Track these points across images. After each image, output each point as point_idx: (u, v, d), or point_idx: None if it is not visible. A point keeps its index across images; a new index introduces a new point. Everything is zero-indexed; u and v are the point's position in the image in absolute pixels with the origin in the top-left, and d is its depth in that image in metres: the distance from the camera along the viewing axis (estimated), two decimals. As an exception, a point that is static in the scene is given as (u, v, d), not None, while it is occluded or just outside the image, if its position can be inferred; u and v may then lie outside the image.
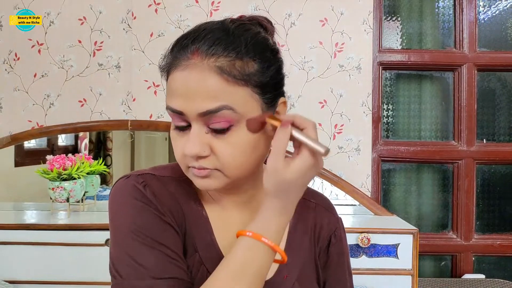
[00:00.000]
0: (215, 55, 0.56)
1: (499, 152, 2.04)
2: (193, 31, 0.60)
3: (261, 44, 0.61)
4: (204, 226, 0.65)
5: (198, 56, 0.57)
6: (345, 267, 0.75)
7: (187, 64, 0.57)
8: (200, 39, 0.58)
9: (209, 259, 0.63)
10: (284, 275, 0.66)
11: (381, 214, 1.85)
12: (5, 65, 1.94)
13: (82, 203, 1.86)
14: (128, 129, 1.96)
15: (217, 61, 0.56)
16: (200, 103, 0.56)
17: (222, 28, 0.59)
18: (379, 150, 2.01)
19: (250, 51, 0.58)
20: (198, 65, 0.56)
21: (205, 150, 0.58)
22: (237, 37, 0.58)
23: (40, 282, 1.56)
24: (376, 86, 1.98)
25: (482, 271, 2.03)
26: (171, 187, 0.65)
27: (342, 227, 0.76)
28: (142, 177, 0.64)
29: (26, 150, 2.07)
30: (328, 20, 1.94)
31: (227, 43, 0.57)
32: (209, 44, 0.57)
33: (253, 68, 0.58)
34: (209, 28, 0.59)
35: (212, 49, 0.56)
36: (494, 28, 2.06)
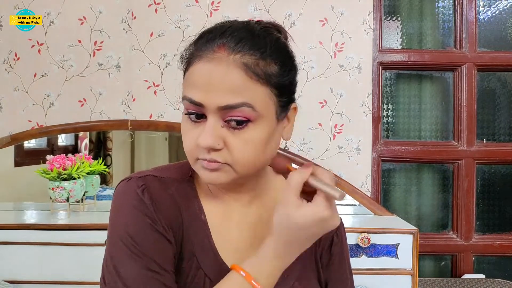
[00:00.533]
0: (241, 52, 0.57)
1: (499, 152, 2.04)
2: (219, 26, 0.61)
3: (283, 49, 0.63)
4: (202, 230, 0.65)
5: (224, 51, 0.57)
6: (346, 266, 0.76)
7: (213, 57, 0.57)
8: (227, 35, 0.59)
9: (206, 263, 0.63)
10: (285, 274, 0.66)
11: (381, 214, 1.85)
12: (5, 65, 1.94)
13: (82, 203, 1.86)
14: (128, 129, 1.96)
15: (243, 58, 0.57)
16: (221, 96, 0.57)
17: (248, 28, 0.61)
18: (379, 150, 2.01)
19: (273, 53, 0.60)
20: (223, 59, 0.57)
21: (219, 143, 0.58)
22: (262, 38, 0.60)
23: (40, 282, 1.56)
24: (376, 86, 1.99)
25: (482, 271, 2.03)
26: (172, 188, 0.65)
27: (343, 227, 0.76)
28: (143, 179, 0.64)
29: (26, 150, 2.07)
30: (328, 20, 1.94)
31: (253, 42, 0.59)
32: (236, 41, 0.58)
33: (274, 69, 0.59)
34: (235, 26, 0.60)
35: (238, 46, 0.58)
36: (494, 28, 2.06)
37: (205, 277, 0.62)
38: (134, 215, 0.61)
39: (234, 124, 0.58)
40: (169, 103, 1.93)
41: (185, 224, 0.64)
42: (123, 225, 0.61)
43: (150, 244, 0.60)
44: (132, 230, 0.60)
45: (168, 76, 1.93)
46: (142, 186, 0.63)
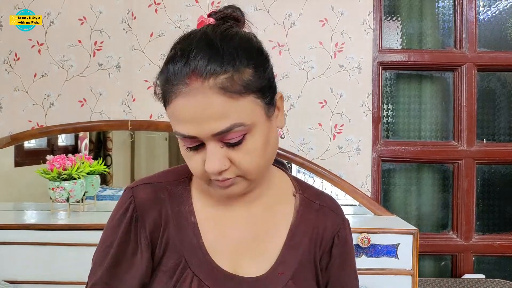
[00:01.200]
0: (214, 74, 0.56)
1: (499, 152, 2.04)
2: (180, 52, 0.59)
3: (249, 48, 0.61)
4: (192, 231, 0.67)
5: (196, 79, 0.56)
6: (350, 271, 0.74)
7: (188, 90, 0.56)
8: (191, 61, 0.57)
9: (195, 262, 0.65)
10: (279, 272, 0.67)
11: (381, 214, 1.85)
12: (5, 65, 1.94)
13: (82, 203, 1.86)
14: (128, 129, 1.96)
15: (217, 80, 0.56)
16: (211, 125, 0.57)
17: (208, 43, 0.58)
18: (379, 150, 2.01)
19: (243, 59, 0.58)
20: (199, 89, 0.56)
21: (225, 163, 0.59)
22: (226, 49, 0.58)
23: (40, 282, 1.56)
24: (376, 86, 1.98)
25: (482, 271, 2.03)
26: (165, 193, 0.68)
27: (348, 228, 0.75)
28: (134, 190, 0.68)
29: (26, 150, 2.07)
30: (328, 20, 1.94)
31: (221, 59, 0.57)
32: (204, 63, 0.56)
33: (249, 75, 0.58)
34: (196, 45, 0.58)
35: (208, 69, 0.56)
36: (494, 28, 2.06)
37: (193, 276, 0.64)
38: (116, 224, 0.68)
39: (232, 142, 0.59)
40: (169, 103, 1.93)
41: (172, 226, 0.67)
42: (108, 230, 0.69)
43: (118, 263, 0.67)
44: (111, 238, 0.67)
45: (168, 76, 1.93)
46: (130, 197, 0.68)
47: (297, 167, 1.94)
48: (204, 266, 0.64)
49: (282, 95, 0.66)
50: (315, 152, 1.95)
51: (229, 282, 0.64)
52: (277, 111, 0.65)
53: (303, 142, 1.95)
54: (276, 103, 0.64)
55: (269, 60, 0.64)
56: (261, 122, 0.60)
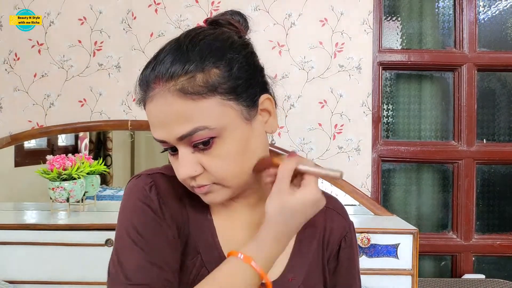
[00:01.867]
0: (174, 77, 0.55)
1: (499, 152, 2.04)
2: (153, 58, 0.60)
3: (220, 47, 0.58)
4: (208, 229, 0.65)
5: (159, 84, 0.56)
6: (355, 273, 0.74)
7: (153, 95, 0.57)
8: (157, 65, 0.57)
9: (211, 261, 0.63)
10: (289, 277, 0.66)
11: (381, 214, 1.85)
12: (5, 65, 1.94)
13: (82, 203, 1.86)
14: (128, 129, 1.96)
15: (177, 83, 0.55)
16: (174, 129, 0.56)
17: (176, 47, 0.58)
18: (379, 150, 2.01)
19: (208, 59, 0.56)
20: (160, 93, 0.56)
21: (196, 169, 0.58)
22: (191, 50, 0.57)
23: (40, 282, 1.56)
24: (376, 86, 1.99)
25: (482, 271, 2.03)
26: (180, 187, 0.65)
27: (354, 231, 0.75)
28: (152, 176, 0.64)
29: (26, 150, 2.07)
30: (328, 20, 1.94)
31: (183, 60, 0.56)
32: (166, 67, 0.56)
33: (216, 75, 0.56)
34: (166, 50, 0.59)
35: (170, 72, 0.55)
36: (494, 28, 2.06)
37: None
38: (140, 209, 0.61)
39: (202, 146, 0.57)
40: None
41: (191, 222, 0.65)
42: (129, 218, 0.61)
43: (154, 238, 0.60)
44: (137, 223, 0.60)
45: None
46: (150, 182, 0.63)
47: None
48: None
49: (270, 97, 0.62)
50: (315, 152, 1.95)
51: None
52: (267, 115, 0.62)
53: (303, 142, 1.95)
54: (260, 106, 0.61)
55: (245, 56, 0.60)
56: (235, 125, 0.57)
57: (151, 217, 0.61)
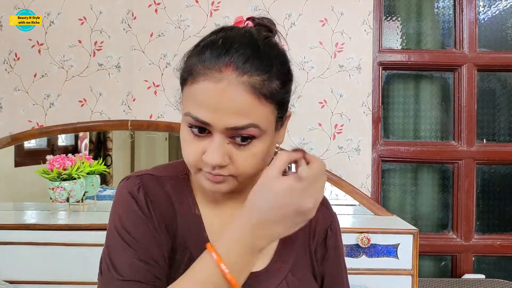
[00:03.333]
0: (249, 72, 0.57)
1: (499, 152, 2.04)
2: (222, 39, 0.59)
3: (284, 62, 0.64)
4: (197, 224, 0.67)
5: (232, 71, 0.57)
6: (341, 261, 0.77)
7: (221, 77, 0.57)
8: (232, 52, 0.58)
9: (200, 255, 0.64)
10: (278, 266, 0.68)
11: (381, 214, 1.85)
12: (5, 65, 1.94)
13: (82, 203, 1.86)
14: (128, 129, 1.96)
15: (251, 79, 0.57)
16: (229, 118, 0.57)
17: (252, 43, 0.60)
18: (379, 150, 2.01)
19: (278, 70, 0.60)
20: (232, 80, 0.57)
21: (226, 160, 0.59)
22: (267, 55, 0.60)
23: (40, 282, 1.56)
24: (376, 86, 1.98)
25: (482, 271, 2.03)
26: (168, 186, 0.68)
27: (338, 222, 0.78)
28: (140, 178, 0.67)
29: (26, 150, 2.07)
30: (328, 20, 1.94)
31: (260, 61, 0.58)
32: (243, 60, 0.57)
33: (277, 86, 0.60)
34: (239, 41, 0.59)
35: (246, 66, 0.57)
36: (494, 28, 2.06)
37: None
38: (129, 209, 0.64)
39: (239, 141, 0.59)
40: (169, 103, 1.93)
41: (179, 219, 0.67)
42: (119, 218, 0.64)
43: (142, 236, 0.62)
44: (126, 222, 0.63)
45: (168, 76, 1.93)
46: (138, 183, 0.66)
47: (297, 167, 1.94)
48: None
49: (291, 113, 0.68)
50: (315, 152, 1.95)
51: None
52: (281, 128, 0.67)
53: (303, 142, 1.95)
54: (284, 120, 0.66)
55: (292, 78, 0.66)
56: (270, 132, 0.61)
57: (139, 217, 0.63)
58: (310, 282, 0.71)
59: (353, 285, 1.53)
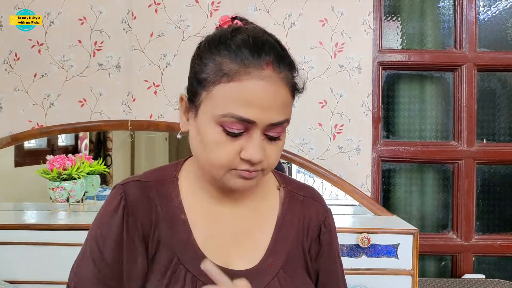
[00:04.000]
0: (284, 70, 0.61)
1: (499, 152, 2.04)
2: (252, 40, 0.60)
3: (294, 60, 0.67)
4: (183, 229, 0.67)
5: (272, 69, 0.59)
6: (336, 257, 0.77)
7: (263, 76, 0.59)
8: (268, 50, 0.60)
9: (188, 259, 0.66)
10: (269, 262, 0.69)
11: (381, 214, 1.85)
12: (5, 65, 1.94)
13: (82, 203, 1.86)
14: (128, 129, 1.96)
15: (286, 76, 0.62)
16: (273, 114, 0.60)
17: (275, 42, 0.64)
18: (379, 150, 2.01)
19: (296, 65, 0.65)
20: (273, 78, 0.59)
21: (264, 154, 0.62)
22: (287, 52, 0.64)
23: (40, 282, 1.56)
24: (376, 86, 1.98)
25: (482, 271, 2.03)
26: (153, 192, 0.69)
27: (332, 217, 0.78)
28: (124, 187, 0.68)
29: (26, 150, 2.07)
30: (328, 20, 1.94)
31: (287, 59, 0.63)
32: (278, 58, 0.60)
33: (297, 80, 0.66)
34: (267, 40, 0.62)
35: (281, 64, 0.61)
36: (494, 28, 2.06)
37: (186, 272, 0.65)
38: (106, 224, 0.66)
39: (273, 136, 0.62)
40: (169, 103, 1.93)
41: (163, 224, 0.67)
42: (95, 229, 0.67)
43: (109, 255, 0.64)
44: (100, 236, 0.66)
45: (168, 76, 1.93)
46: (121, 194, 0.67)
47: (297, 167, 1.94)
48: (197, 262, 0.64)
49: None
50: (315, 152, 1.95)
51: None
52: None
53: (303, 142, 1.95)
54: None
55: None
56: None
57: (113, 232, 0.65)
58: (303, 279, 0.71)
59: (353, 285, 1.53)
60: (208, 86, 0.60)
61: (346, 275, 0.79)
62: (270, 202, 0.74)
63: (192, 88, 0.64)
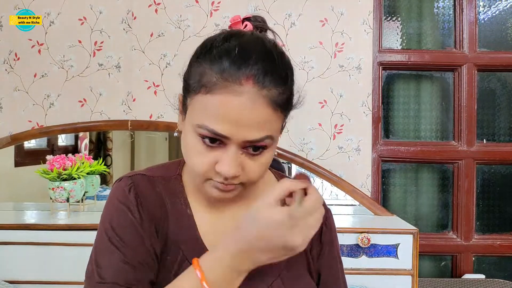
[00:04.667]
0: (269, 86, 0.57)
1: (499, 152, 2.04)
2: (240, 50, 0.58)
3: (293, 71, 0.64)
4: (189, 224, 0.67)
5: (252, 84, 0.56)
6: (336, 256, 0.76)
7: (241, 91, 0.56)
8: (251, 64, 0.56)
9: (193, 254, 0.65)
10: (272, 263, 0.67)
11: (381, 214, 1.85)
12: (5, 65, 1.94)
13: (82, 203, 1.86)
14: (128, 129, 1.96)
15: (270, 92, 0.57)
16: (248, 132, 0.57)
17: (268, 53, 0.59)
18: (379, 150, 2.01)
19: (291, 80, 0.62)
20: (253, 94, 0.56)
21: (239, 170, 0.60)
22: (281, 66, 0.60)
23: (40, 282, 1.56)
24: (376, 86, 1.99)
25: (482, 271, 2.03)
26: (159, 186, 0.68)
27: (332, 216, 0.77)
28: (132, 178, 0.67)
29: (26, 150, 2.07)
30: (328, 20, 1.94)
31: (278, 74, 0.58)
32: (263, 73, 0.56)
33: (287, 96, 0.61)
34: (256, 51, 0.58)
35: (266, 80, 0.56)
36: (494, 28, 2.06)
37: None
38: (119, 211, 0.64)
39: (251, 151, 0.60)
40: (169, 103, 1.93)
41: (171, 219, 0.67)
42: (108, 219, 0.64)
43: (131, 239, 0.62)
44: (116, 224, 0.63)
45: (168, 76, 1.93)
46: (130, 184, 0.66)
47: (297, 167, 1.94)
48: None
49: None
50: (315, 152, 1.95)
51: None
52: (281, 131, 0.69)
53: (303, 142, 1.95)
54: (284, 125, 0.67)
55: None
56: (277, 139, 0.63)
57: (128, 219, 0.63)
58: (306, 279, 0.71)
59: (353, 285, 1.53)
60: (191, 94, 0.60)
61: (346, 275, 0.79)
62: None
63: (183, 91, 0.64)
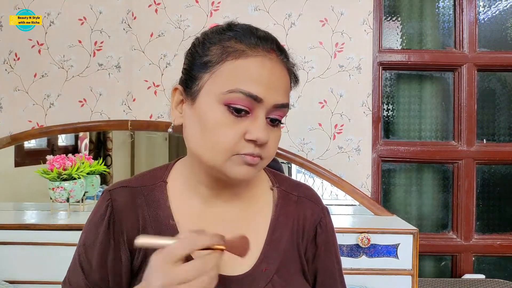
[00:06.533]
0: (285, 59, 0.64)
1: (499, 152, 2.04)
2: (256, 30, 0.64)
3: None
4: (171, 234, 0.66)
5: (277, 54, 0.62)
6: (333, 256, 0.74)
7: (270, 57, 0.61)
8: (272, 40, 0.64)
9: None
10: (263, 268, 0.67)
11: (381, 214, 1.85)
12: (5, 65, 1.94)
13: (82, 203, 1.86)
14: (128, 129, 1.96)
15: (288, 63, 0.64)
16: (278, 95, 0.61)
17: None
18: (379, 150, 2.01)
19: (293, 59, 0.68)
20: (279, 62, 0.62)
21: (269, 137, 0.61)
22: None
23: (40, 282, 1.56)
24: (376, 86, 1.98)
25: (482, 271, 2.03)
26: (141, 198, 0.68)
27: (329, 216, 0.75)
28: (111, 193, 0.68)
29: (26, 150, 2.07)
30: (328, 20, 1.94)
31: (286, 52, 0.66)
32: (279, 48, 0.64)
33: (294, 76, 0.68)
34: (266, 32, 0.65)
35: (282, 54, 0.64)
36: (494, 28, 2.06)
37: None
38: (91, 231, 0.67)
39: (271, 122, 0.62)
40: (169, 103, 1.93)
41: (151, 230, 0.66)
42: (83, 236, 0.68)
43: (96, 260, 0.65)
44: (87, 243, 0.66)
45: (168, 76, 1.93)
46: (108, 201, 0.67)
47: (297, 167, 1.94)
48: None
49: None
50: (315, 152, 1.95)
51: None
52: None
53: (303, 142, 1.95)
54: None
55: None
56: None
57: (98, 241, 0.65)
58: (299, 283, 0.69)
59: (353, 285, 1.53)
60: (212, 67, 0.60)
61: (346, 275, 0.78)
62: (263, 204, 0.72)
63: (190, 74, 0.64)
